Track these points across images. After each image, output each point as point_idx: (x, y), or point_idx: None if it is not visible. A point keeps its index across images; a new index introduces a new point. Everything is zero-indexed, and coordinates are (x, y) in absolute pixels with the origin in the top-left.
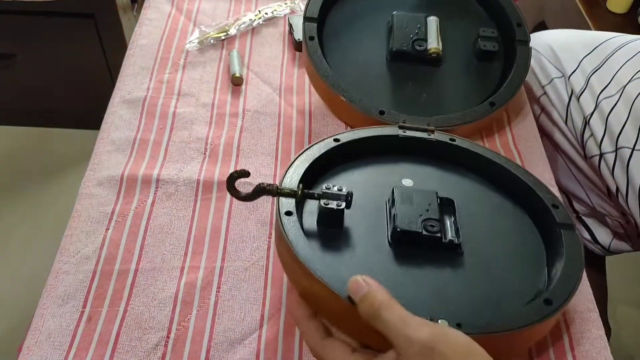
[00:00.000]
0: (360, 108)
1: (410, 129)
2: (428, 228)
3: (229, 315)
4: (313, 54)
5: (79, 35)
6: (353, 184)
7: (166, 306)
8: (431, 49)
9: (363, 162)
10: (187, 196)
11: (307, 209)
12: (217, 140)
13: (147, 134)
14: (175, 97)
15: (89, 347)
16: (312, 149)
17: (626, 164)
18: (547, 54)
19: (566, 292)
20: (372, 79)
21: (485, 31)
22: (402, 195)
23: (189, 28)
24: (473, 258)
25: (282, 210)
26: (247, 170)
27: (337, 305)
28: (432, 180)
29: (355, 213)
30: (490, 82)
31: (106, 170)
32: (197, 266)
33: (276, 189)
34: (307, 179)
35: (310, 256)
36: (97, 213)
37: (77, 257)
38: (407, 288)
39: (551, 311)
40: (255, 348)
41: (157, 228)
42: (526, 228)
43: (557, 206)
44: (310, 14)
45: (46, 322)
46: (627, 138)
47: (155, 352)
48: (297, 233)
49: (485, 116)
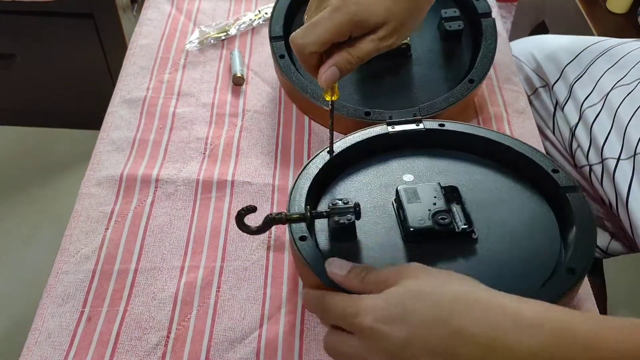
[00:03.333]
0: (346, 114)
1: (399, 123)
2: (439, 221)
3: (229, 314)
4: (287, 72)
5: (79, 35)
6: (356, 192)
7: (166, 306)
8: None
9: (360, 166)
10: (187, 196)
11: (318, 228)
12: (217, 140)
13: (146, 133)
14: (175, 97)
15: (89, 347)
16: (309, 168)
17: (612, 175)
18: (530, 63)
19: (586, 257)
20: (349, 83)
21: (447, 12)
22: (407, 193)
23: (189, 28)
24: (488, 242)
25: (296, 236)
26: (254, 206)
27: None
28: (432, 170)
29: (366, 220)
30: (463, 60)
31: (105, 170)
32: (197, 266)
33: (285, 217)
34: (312, 198)
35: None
36: (96, 213)
37: (77, 257)
38: None
39: (576, 279)
40: (255, 347)
41: (157, 228)
42: (532, 198)
43: (557, 170)
44: (275, 33)
45: (46, 322)
46: (611, 149)
47: (155, 351)
48: (315, 256)
49: (467, 94)
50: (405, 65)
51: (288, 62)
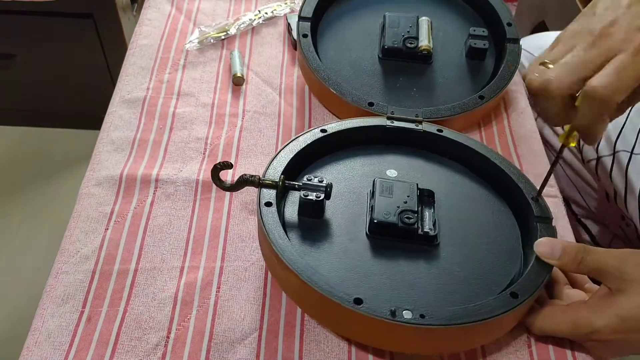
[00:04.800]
0: (350, 100)
1: (399, 119)
2: (404, 220)
3: (228, 315)
4: (306, 51)
5: (79, 35)
6: (338, 175)
7: (166, 306)
8: (422, 46)
9: (350, 152)
10: (187, 196)
11: (291, 199)
12: (217, 141)
13: (146, 134)
14: (175, 97)
15: (89, 347)
16: (299, 140)
17: (625, 167)
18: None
19: (534, 286)
20: (364, 75)
21: (476, 30)
22: (382, 186)
23: (189, 28)
24: (450, 249)
25: (263, 201)
26: (230, 162)
27: (308, 294)
28: (417, 171)
29: (338, 203)
30: (481, 78)
31: (105, 170)
32: (197, 266)
33: (258, 180)
34: (294, 170)
35: (285, 245)
36: (96, 213)
37: (77, 257)
38: (381, 279)
39: (516, 304)
40: (255, 348)
41: (157, 228)
42: (506, 220)
43: (536, 199)
44: (305, 13)
45: (46, 322)
46: (625, 142)
47: (155, 352)
48: (275, 223)
49: (474, 108)
50: (422, 70)
51: (309, 41)
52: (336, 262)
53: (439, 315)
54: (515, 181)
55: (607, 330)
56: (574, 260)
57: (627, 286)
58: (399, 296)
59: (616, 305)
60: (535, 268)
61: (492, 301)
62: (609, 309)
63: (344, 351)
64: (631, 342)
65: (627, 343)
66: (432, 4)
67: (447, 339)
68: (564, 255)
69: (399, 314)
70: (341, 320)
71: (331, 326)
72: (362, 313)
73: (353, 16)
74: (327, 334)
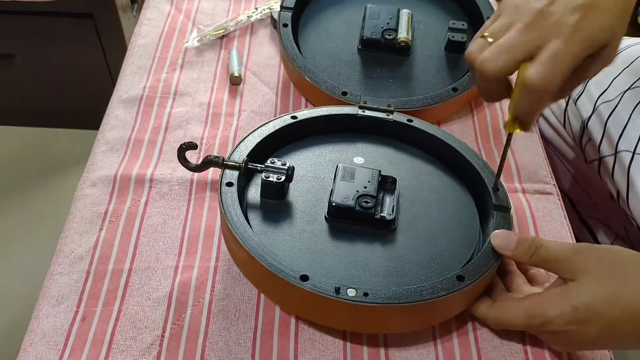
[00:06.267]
0: (324, 89)
1: (370, 109)
2: (362, 204)
3: (223, 314)
4: (285, 40)
5: (79, 35)
6: (305, 160)
7: (160, 305)
8: (400, 38)
9: (320, 140)
10: (181, 195)
11: (256, 182)
12: (212, 140)
13: (142, 133)
14: (172, 97)
15: (84, 346)
16: (268, 125)
17: (627, 167)
18: None
19: (481, 270)
20: (341, 65)
21: (456, 23)
22: (345, 171)
23: (188, 28)
24: (407, 234)
25: (224, 181)
26: (195, 143)
27: (257, 270)
28: (384, 159)
29: (301, 187)
30: (457, 71)
31: (100, 171)
32: (191, 265)
33: (222, 161)
34: (262, 154)
35: (240, 222)
36: (90, 213)
37: (71, 257)
38: (333, 259)
39: (461, 287)
40: (250, 347)
41: (151, 227)
42: (467, 209)
43: (498, 189)
44: (287, 4)
45: (41, 322)
46: (627, 142)
47: (150, 351)
48: (233, 201)
49: (446, 100)
50: (400, 62)
51: (288, 31)
52: (292, 242)
53: (382, 294)
54: (479, 171)
55: (560, 320)
56: (528, 251)
57: (579, 276)
58: (349, 276)
59: (569, 294)
60: (486, 254)
61: (437, 283)
62: (562, 299)
63: (339, 349)
64: (584, 335)
65: (580, 335)
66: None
67: (389, 317)
68: (518, 246)
69: (343, 292)
70: (288, 296)
71: (279, 302)
72: (306, 289)
73: (336, 7)
74: (322, 333)
